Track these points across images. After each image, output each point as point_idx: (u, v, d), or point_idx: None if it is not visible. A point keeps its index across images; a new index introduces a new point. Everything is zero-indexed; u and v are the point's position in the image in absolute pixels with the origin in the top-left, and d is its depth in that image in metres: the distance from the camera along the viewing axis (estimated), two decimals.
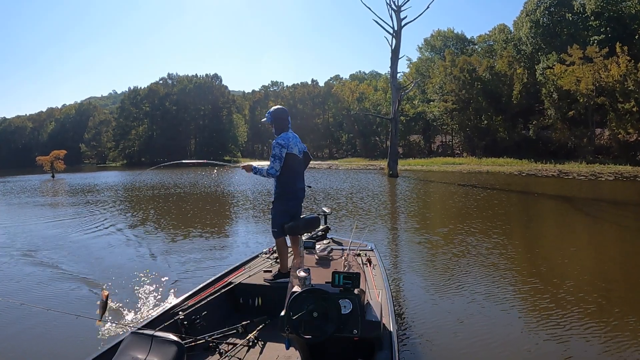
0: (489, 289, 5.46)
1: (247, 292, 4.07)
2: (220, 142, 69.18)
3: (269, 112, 4.36)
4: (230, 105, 72.43)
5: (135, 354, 2.41)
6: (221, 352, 3.16)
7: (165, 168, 52.84)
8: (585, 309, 4.74)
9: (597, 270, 6.43)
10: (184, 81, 72.75)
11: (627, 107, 29.96)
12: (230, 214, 13.12)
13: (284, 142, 4.16)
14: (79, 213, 13.70)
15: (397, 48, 26.37)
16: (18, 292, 5.81)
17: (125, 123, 73.67)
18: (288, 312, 2.67)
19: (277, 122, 4.31)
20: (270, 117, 4.31)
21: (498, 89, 41.11)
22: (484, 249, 7.60)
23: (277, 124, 4.31)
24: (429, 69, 51.34)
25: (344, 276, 2.79)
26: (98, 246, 8.71)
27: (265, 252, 4.99)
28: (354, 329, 2.63)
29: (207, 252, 7.96)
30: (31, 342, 4.25)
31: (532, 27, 40.29)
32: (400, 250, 8.02)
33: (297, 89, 72.76)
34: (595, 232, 9.52)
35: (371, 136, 59.61)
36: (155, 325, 3.17)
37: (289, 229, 4.17)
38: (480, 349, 3.90)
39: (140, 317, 4.67)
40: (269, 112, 4.35)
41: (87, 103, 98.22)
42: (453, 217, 11.46)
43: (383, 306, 3.07)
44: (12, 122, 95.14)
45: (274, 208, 4.34)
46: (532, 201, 14.82)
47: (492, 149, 40.02)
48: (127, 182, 29.54)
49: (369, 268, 4.23)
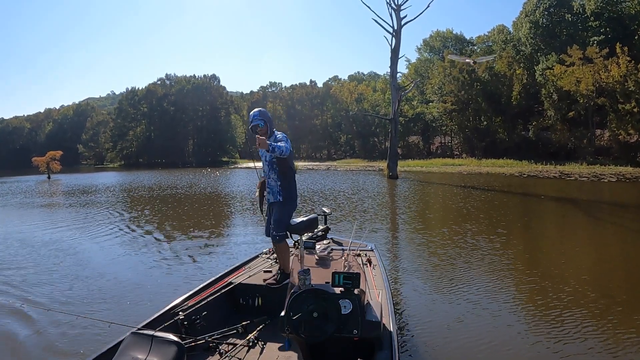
0: (489, 289, 5.46)
1: (247, 292, 4.06)
2: (218, 143, 69.11)
3: (256, 114, 4.02)
4: (229, 106, 72.36)
5: (135, 354, 2.40)
6: (221, 352, 3.16)
7: (163, 168, 52.97)
8: (585, 309, 4.74)
9: (599, 272, 6.43)
10: (182, 82, 72.62)
11: (628, 107, 29.93)
12: (232, 214, 13.12)
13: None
14: (75, 213, 13.70)
15: (397, 47, 26.34)
16: (18, 292, 5.80)
17: (122, 124, 73.54)
18: (288, 313, 2.67)
19: (270, 123, 4.06)
20: (263, 119, 3.99)
21: (497, 89, 41.12)
22: (485, 249, 7.61)
23: (270, 126, 4.04)
24: (428, 69, 51.34)
25: (344, 276, 2.79)
26: (97, 247, 8.70)
27: (265, 252, 4.98)
28: (354, 329, 2.63)
29: (208, 252, 7.96)
30: (31, 342, 4.24)
31: (532, 28, 40.28)
32: (400, 251, 8.02)
33: (296, 89, 72.73)
34: (602, 235, 9.35)
35: (370, 137, 59.61)
36: (155, 325, 3.16)
37: (292, 230, 4.10)
38: (481, 348, 3.90)
39: (140, 318, 4.66)
40: (256, 115, 4.01)
41: (85, 104, 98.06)
42: (454, 218, 11.46)
43: (383, 306, 3.07)
44: (10, 123, 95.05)
45: (282, 210, 4.05)
46: (537, 203, 14.62)
47: (491, 150, 40.02)
48: (123, 182, 29.50)
49: (369, 268, 4.22)
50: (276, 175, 4.08)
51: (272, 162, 4.06)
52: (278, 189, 4.07)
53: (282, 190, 4.06)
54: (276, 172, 4.07)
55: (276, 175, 4.08)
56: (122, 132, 73.06)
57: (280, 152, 3.73)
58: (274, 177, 4.09)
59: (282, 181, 4.06)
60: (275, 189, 4.08)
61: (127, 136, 72.60)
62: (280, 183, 4.07)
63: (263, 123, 3.99)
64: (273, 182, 4.08)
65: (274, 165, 4.06)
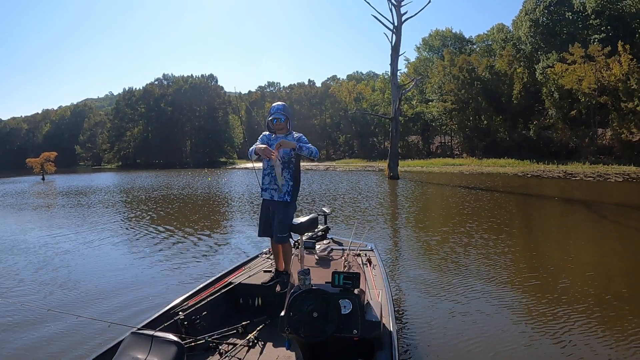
0: (489, 289, 5.46)
1: (247, 292, 4.06)
2: (216, 144, 69.11)
3: (279, 108, 3.98)
4: (226, 106, 72.23)
5: (135, 354, 2.40)
6: (221, 352, 3.16)
7: (160, 169, 52.95)
8: (586, 309, 4.74)
9: (602, 274, 6.42)
10: (179, 82, 72.48)
11: (630, 106, 29.87)
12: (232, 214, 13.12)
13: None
14: (72, 214, 13.69)
15: (397, 45, 26.11)
16: (18, 293, 5.80)
17: (120, 124, 73.53)
18: (288, 312, 2.67)
19: (291, 120, 4.01)
20: (285, 114, 3.96)
21: (498, 88, 41.11)
22: (487, 250, 7.61)
23: (290, 122, 4.00)
24: (428, 68, 51.30)
25: (344, 276, 2.79)
26: (97, 247, 8.70)
27: (265, 252, 4.98)
28: (354, 329, 2.63)
29: (209, 252, 7.97)
30: (31, 342, 4.24)
31: (532, 26, 40.22)
32: (400, 251, 8.01)
33: (294, 89, 72.67)
34: (627, 238, 8.94)
35: (369, 137, 59.62)
36: (155, 325, 3.17)
37: (293, 230, 4.08)
38: (481, 348, 3.89)
39: (140, 318, 4.67)
40: (279, 109, 3.97)
41: (82, 104, 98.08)
42: (456, 218, 11.36)
43: (383, 306, 3.07)
44: (7, 124, 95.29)
45: (287, 211, 3.97)
46: (547, 205, 13.92)
47: (492, 150, 40.00)
48: (120, 184, 29.48)
49: (369, 268, 4.22)
50: (290, 176, 3.99)
51: (289, 162, 4.00)
52: (289, 189, 3.98)
53: (292, 190, 4.00)
54: (291, 172, 4.00)
55: (290, 175, 3.99)
56: (120, 133, 73.06)
57: (309, 152, 3.84)
58: (288, 177, 3.98)
59: (294, 182, 4.02)
60: (286, 188, 3.97)
61: (125, 137, 72.59)
62: (292, 184, 4.01)
63: (284, 118, 3.96)
64: (284, 182, 3.95)
65: (290, 165, 4.00)
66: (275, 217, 3.99)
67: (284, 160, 3.95)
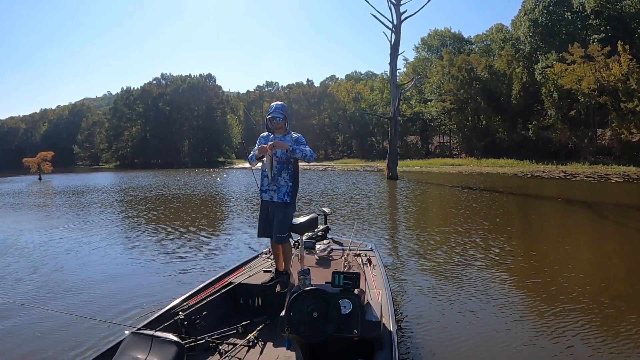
0: (489, 289, 5.46)
1: (247, 292, 4.06)
2: (214, 143, 69.01)
3: (278, 107, 3.98)
4: (225, 105, 72.16)
5: (135, 354, 2.40)
6: (221, 352, 3.16)
7: (159, 169, 52.86)
8: (586, 309, 4.74)
9: (602, 274, 6.43)
10: (178, 81, 72.35)
11: (630, 106, 29.83)
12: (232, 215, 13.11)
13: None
14: (70, 214, 13.67)
15: (396, 43, 25.99)
16: (18, 293, 5.79)
17: (118, 124, 73.41)
18: (288, 312, 2.67)
19: (289, 119, 4.01)
20: (283, 114, 3.96)
21: (497, 88, 41.12)
22: (487, 250, 7.61)
23: (288, 122, 4.00)
24: (426, 68, 51.26)
25: (344, 276, 2.79)
26: (96, 248, 8.68)
27: (265, 252, 4.98)
28: (354, 329, 2.64)
29: (209, 252, 7.95)
30: (31, 342, 4.23)
31: (531, 26, 40.20)
32: (400, 251, 8.00)
33: (293, 89, 72.60)
34: (621, 238, 8.93)
35: (367, 137, 59.61)
36: (155, 325, 3.17)
37: (293, 230, 4.08)
38: (481, 348, 3.90)
39: (140, 318, 4.66)
40: (277, 108, 3.97)
41: (80, 104, 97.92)
42: (457, 218, 11.35)
43: (383, 306, 3.07)
44: (5, 124, 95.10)
45: (286, 212, 3.97)
46: (548, 206, 13.68)
47: (491, 150, 40.00)
48: (118, 183, 29.43)
49: (369, 268, 4.23)
50: (289, 176, 3.99)
51: (287, 162, 3.98)
52: (288, 189, 3.98)
53: (291, 191, 4.00)
54: (289, 172, 4.00)
55: (289, 175, 3.99)
56: (118, 133, 72.93)
57: (303, 155, 3.80)
58: (286, 177, 3.98)
59: (293, 182, 4.02)
60: (285, 189, 3.97)
61: (123, 136, 72.45)
62: (291, 184, 4.00)
63: (282, 118, 3.96)
64: (283, 182, 3.95)
65: (288, 166, 3.99)
66: (275, 217, 3.99)
67: (283, 160, 3.95)
